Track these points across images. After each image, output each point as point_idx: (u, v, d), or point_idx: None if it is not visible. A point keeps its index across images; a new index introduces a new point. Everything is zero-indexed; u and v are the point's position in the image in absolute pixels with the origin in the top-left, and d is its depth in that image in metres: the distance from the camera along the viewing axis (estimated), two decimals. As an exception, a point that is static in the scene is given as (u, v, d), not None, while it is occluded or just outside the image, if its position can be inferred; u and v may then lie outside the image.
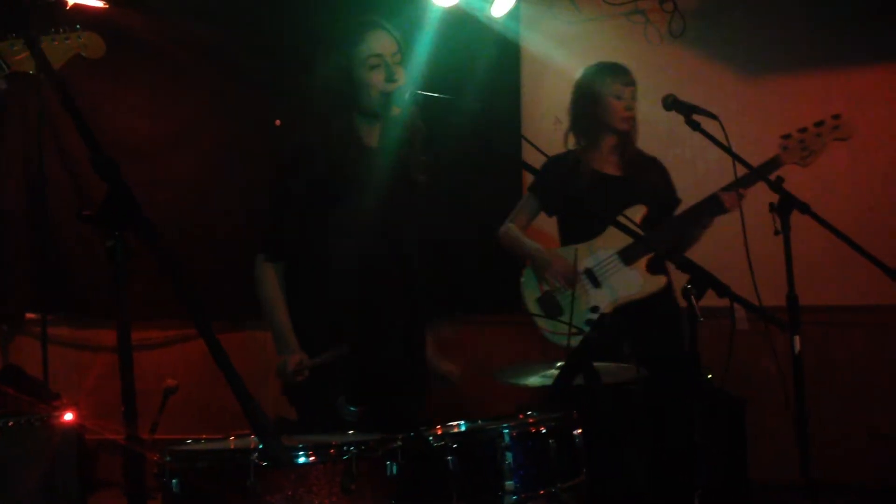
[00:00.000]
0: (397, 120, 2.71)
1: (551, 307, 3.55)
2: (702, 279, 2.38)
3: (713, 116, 2.94)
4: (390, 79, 2.68)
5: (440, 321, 2.98)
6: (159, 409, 3.42)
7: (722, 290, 2.37)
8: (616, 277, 3.52)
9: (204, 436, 2.53)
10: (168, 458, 2.09)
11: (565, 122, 3.79)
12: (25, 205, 5.01)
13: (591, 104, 3.60)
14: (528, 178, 4.25)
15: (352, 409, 2.38)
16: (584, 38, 4.83)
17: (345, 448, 2.07)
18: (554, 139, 4.72)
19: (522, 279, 3.69)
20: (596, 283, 3.55)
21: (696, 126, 2.95)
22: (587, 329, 2.48)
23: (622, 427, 3.05)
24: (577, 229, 3.63)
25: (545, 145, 4.77)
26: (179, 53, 5.04)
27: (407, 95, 2.62)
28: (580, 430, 2.45)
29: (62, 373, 4.90)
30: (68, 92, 1.65)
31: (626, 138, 3.61)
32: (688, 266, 2.40)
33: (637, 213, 3.52)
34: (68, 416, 4.23)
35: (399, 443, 2.19)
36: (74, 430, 4.47)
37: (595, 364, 2.47)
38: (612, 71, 3.62)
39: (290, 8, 4.75)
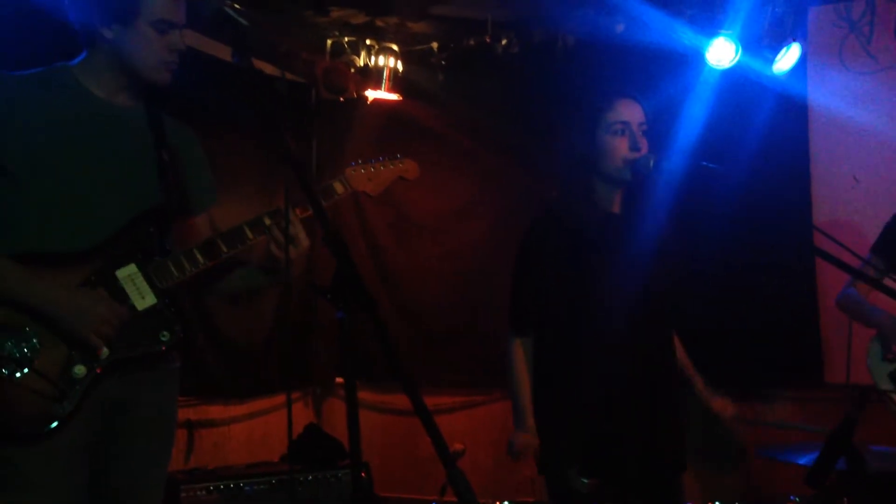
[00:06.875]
0: (643, 188, 2.68)
1: None
2: None
3: None
4: (634, 147, 2.67)
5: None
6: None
7: None
8: None
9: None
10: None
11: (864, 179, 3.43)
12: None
13: None
14: (819, 239, 3.94)
15: (584, 480, 2.35)
16: (883, 90, 4.43)
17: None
18: (851, 199, 4.37)
19: (869, 351, 3.29)
20: None
21: None
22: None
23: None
24: None
25: (842, 206, 4.45)
26: (457, 136, 5.40)
27: (651, 164, 2.59)
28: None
29: (363, 434, 5.27)
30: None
31: None
32: None
33: None
34: (362, 475, 4.57)
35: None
36: (366, 488, 4.81)
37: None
38: None
39: (555, 85, 4.89)
